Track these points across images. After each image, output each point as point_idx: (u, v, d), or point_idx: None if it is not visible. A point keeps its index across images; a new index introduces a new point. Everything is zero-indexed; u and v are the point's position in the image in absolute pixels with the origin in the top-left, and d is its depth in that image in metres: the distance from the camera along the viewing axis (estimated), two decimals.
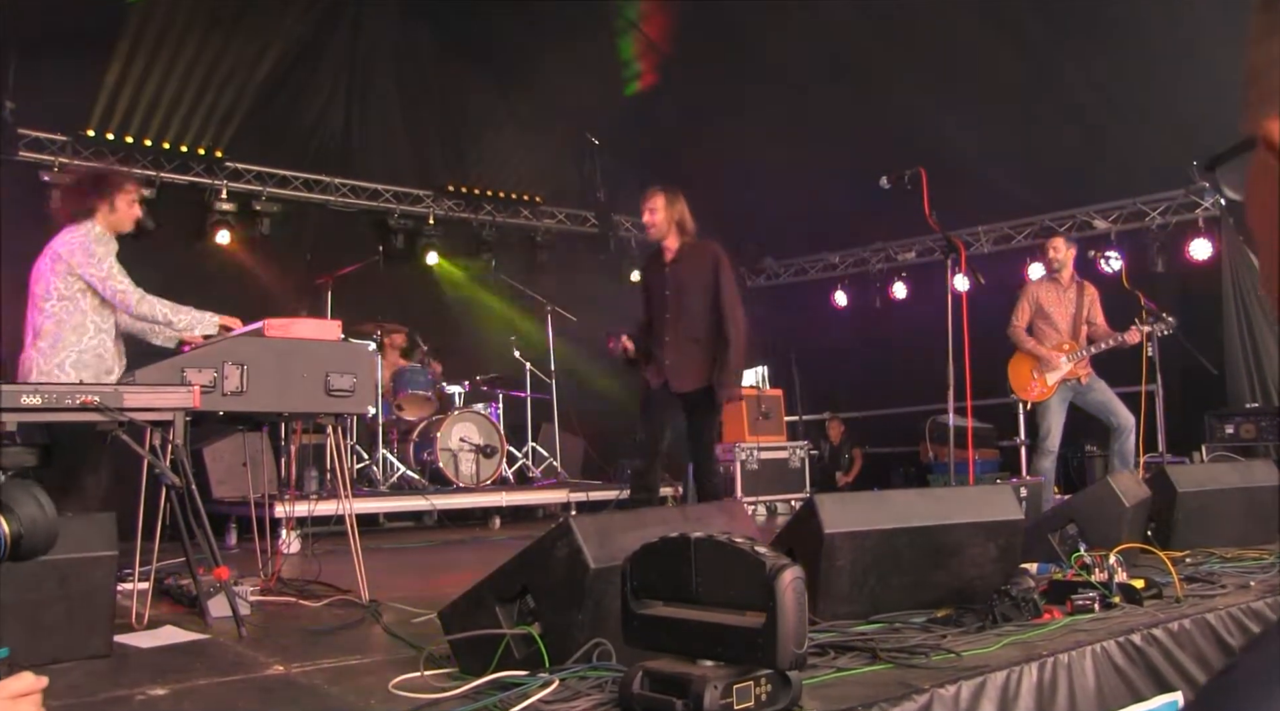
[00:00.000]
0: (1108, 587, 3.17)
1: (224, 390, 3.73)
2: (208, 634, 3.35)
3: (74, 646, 2.88)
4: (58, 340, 4.18)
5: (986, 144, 8.44)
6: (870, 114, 8.68)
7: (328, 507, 5.70)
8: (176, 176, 8.61)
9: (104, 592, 2.95)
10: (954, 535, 3.22)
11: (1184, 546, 4.28)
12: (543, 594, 2.45)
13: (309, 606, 3.95)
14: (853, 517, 3.04)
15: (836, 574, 2.99)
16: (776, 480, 9.14)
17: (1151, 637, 2.81)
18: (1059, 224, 9.51)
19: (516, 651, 2.45)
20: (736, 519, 2.95)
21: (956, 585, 3.21)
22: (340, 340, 4.16)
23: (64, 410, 3.20)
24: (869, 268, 11.05)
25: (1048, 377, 6.45)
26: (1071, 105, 8.05)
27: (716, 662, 2.00)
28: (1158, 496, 4.32)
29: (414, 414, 8.25)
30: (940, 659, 2.51)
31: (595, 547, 2.38)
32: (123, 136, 8.15)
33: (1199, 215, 8.66)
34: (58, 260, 4.22)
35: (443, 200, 10.13)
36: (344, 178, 9.58)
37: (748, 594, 1.97)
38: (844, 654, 2.57)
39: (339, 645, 3.20)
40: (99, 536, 2.96)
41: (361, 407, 4.23)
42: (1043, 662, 2.49)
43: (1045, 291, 6.61)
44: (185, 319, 4.23)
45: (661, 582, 2.13)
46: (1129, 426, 6.23)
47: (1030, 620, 2.94)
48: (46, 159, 7.86)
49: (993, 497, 3.45)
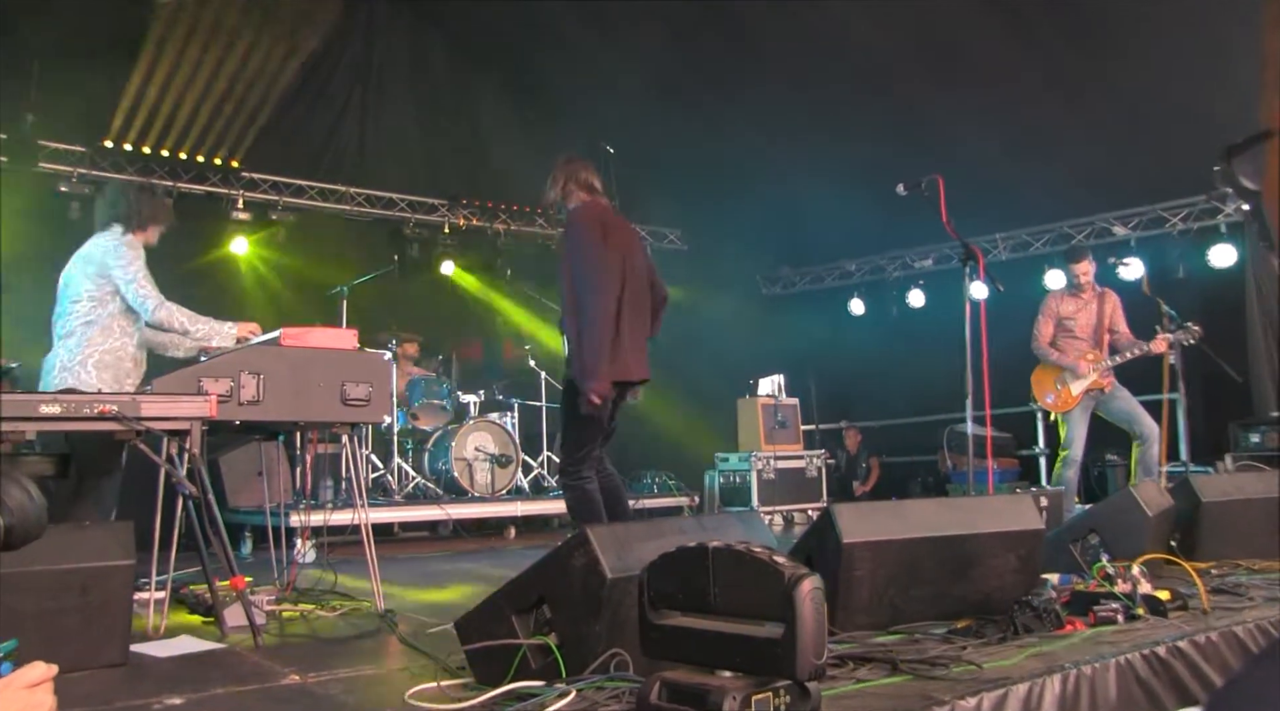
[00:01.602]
0: (1131, 599, 3.14)
1: (240, 399, 3.75)
2: (224, 643, 3.37)
3: (91, 655, 2.89)
4: (84, 339, 4.28)
5: (1004, 150, 8.41)
6: (887, 119, 8.66)
7: (343, 517, 5.72)
8: (193, 186, 8.69)
9: (121, 601, 2.97)
10: (974, 545, 3.20)
11: (1209, 557, 4.24)
12: (560, 604, 2.45)
13: (325, 616, 3.95)
14: (871, 527, 3.03)
15: (855, 584, 2.97)
16: (793, 490, 9.12)
17: (1177, 650, 2.78)
18: (1077, 230, 9.47)
19: (533, 661, 2.45)
20: (754, 528, 2.94)
21: (977, 596, 3.18)
22: (356, 349, 4.17)
23: (82, 419, 3.23)
24: (886, 275, 11.02)
25: (1072, 388, 6.41)
26: (1091, 109, 8.01)
27: (735, 673, 1.99)
28: (1181, 506, 4.28)
29: (429, 423, 8.27)
30: (961, 670, 2.49)
31: (612, 557, 2.38)
32: (140, 147, 8.23)
33: (1221, 221, 8.60)
34: (90, 262, 4.34)
35: (458, 209, 10.17)
36: (359, 187, 9.64)
37: (766, 604, 1.96)
38: (863, 665, 2.55)
39: (355, 655, 3.21)
40: (116, 545, 2.98)
41: (377, 417, 4.24)
42: (1065, 675, 2.47)
43: (1065, 302, 6.57)
44: (203, 329, 4.28)
45: (679, 592, 2.12)
46: (1153, 435, 6.18)
47: (1052, 631, 2.92)
48: (65, 170, 7.93)
49: (1013, 507, 3.42)
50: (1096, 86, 7.81)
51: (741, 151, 9.64)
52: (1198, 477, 4.71)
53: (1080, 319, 6.50)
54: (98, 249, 4.36)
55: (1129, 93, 7.73)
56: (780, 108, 9.00)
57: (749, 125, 9.31)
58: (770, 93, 8.90)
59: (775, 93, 8.88)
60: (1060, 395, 6.45)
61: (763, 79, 8.82)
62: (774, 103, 9.00)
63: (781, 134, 9.24)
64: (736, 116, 9.27)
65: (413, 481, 7.87)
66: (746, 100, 9.09)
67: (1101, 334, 6.48)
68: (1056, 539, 3.94)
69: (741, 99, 9.11)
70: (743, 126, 9.35)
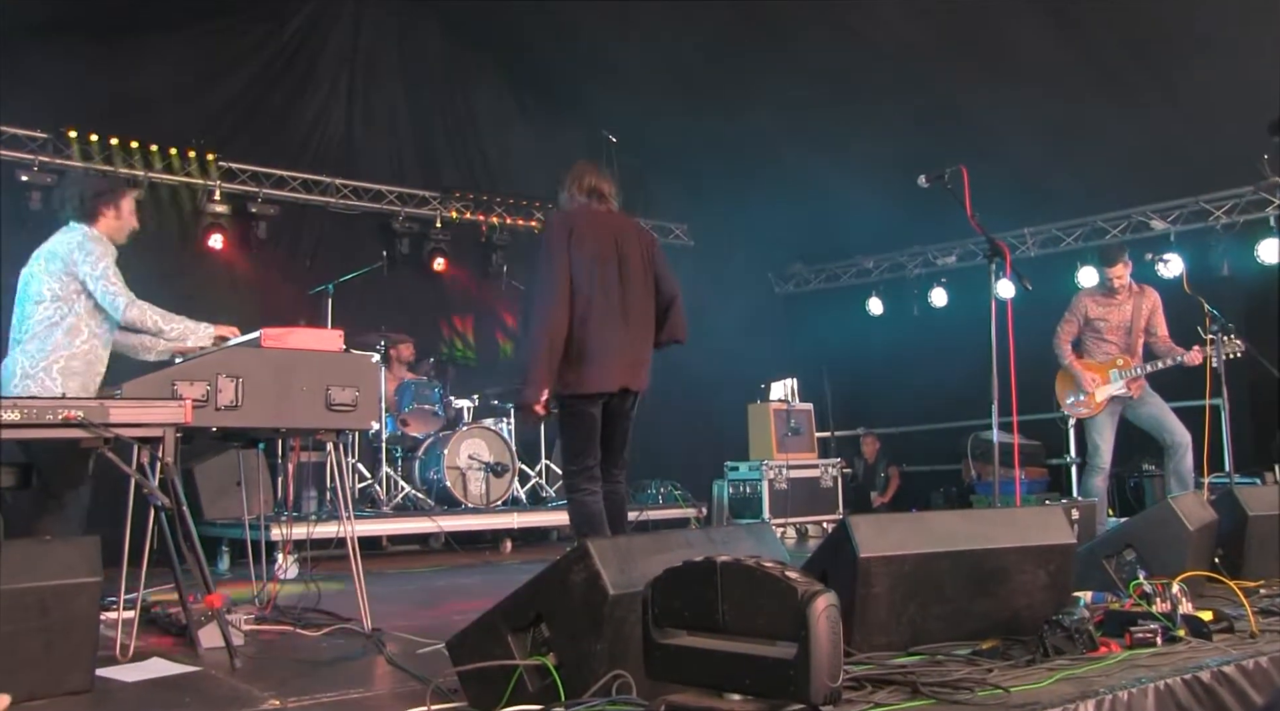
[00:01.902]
0: (1171, 619, 3.12)
1: (217, 404, 3.75)
2: (198, 666, 3.36)
3: (52, 681, 2.86)
4: (47, 342, 4.21)
5: (1033, 139, 8.40)
6: (908, 108, 8.65)
7: (328, 530, 5.71)
8: (166, 177, 8.67)
9: (86, 622, 2.95)
10: (1000, 560, 3.19)
11: (1257, 576, 4.21)
12: (558, 622, 2.44)
13: (307, 636, 3.95)
14: (890, 541, 3.02)
15: (873, 601, 2.97)
16: (807, 500, 9.12)
17: (1222, 676, 2.76)
18: (1112, 225, 9.46)
19: (530, 684, 2.45)
20: (765, 542, 2.93)
21: (1003, 614, 3.17)
22: (342, 351, 4.17)
23: (45, 426, 3.21)
24: (906, 273, 11.02)
25: (1098, 392, 6.38)
26: (1126, 96, 8.00)
27: (745, 696, 1.99)
28: (1225, 520, 4.26)
29: (420, 429, 8.28)
30: (986, 695, 2.48)
31: (615, 572, 2.38)
32: (108, 135, 8.23)
33: (1270, 213, 8.56)
34: (53, 259, 4.28)
35: (450, 202, 10.18)
36: (345, 178, 9.64)
37: (778, 622, 1.95)
38: (882, 688, 2.54)
39: (339, 677, 3.21)
40: (81, 561, 2.95)
41: (364, 423, 4.24)
42: (1099, 700, 2.46)
43: (1095, 302, 6.54)
44: (178, 328, 4.26)
45: (686, 610, 2.12)
46: (1184, 445, 6.13)
47: (1085, 653, 2.91)
48: (26, 158, 7.94)
49: (1042, 519, 3.41)
50: (1133, 70, 7.79)
51: (753, 141, 9.63)
52: (1243, 489, 4.68)
53: (1111, 319, 6.46)
54: (62, 245, 4.30)
55: (1168, 77, 7.71)
56: (795, 95, 8.99)
57: (761, 113, 9.30)
58: (785, 80, 8.88)
59: (791, 80, 8.87)
60: (1086, 399, 6.42)
61: (777, 66, 8.82)
62: (789, 90, 8.98)
63: (796, 123, 9.23)
64: (748, 105, 9.27)
65: (402, 491, 7.88)
66: (758, 87, 9.08)
67: (1135, 335, 6.43)
68: (1089, 554, 3.93)
69: (753, 86, 9.10)
70: (755, 115, 9.34)
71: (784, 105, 9.10)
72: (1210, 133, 7.92)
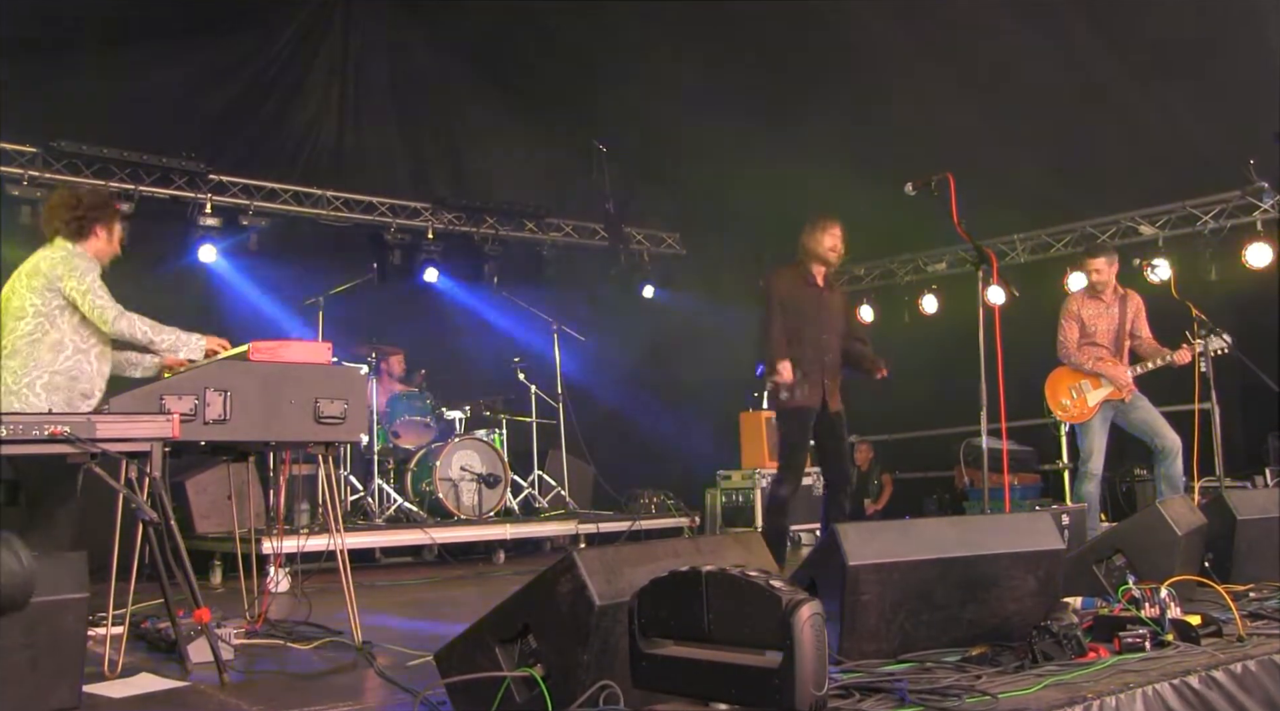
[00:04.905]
0: (1160, 624, 3.12)
1: (206, 418, 3.74)
2: (187, 681, 3.35)
3: (38, 699, 2.84)
4: (30, 358, 4.17)
5: (1020, 145, 8.41)
6: (896, 115, 8.68)
7: (319, 543, 5.70)
8: (156, 189, 8.65)
9: (73, 638, 2.93)
10: (989, 566, 3.19)
11: (1246, 579, 4.20)
12: (545, 633, 2.44)
13: (298, 649, 3.94)
14: (879, 548, 3.02)
15: (862, 609, 2.97)
16: (800, 509, 9.08)
17: (1211, 680, 2.76)
18: (1101, 230, 9.48)
19: (518, 695, 2.44)
20: (752, 551, 2.93)
21: (992, 621, 3.18)
22: (331, 363, 4.17)
23: (31, 442, 3.19)
24: (897, 280, 11.03)
25: (1089, 397, 6.36)
26: (1114, 101, 8.03)
27: (730, 705, 1.99)
28: (1215, 524, 4.26)
29: (411, 441, 8.26)
30: (975, 702, 2.48)
31: (601, 583, 2.37)
32: (98, 148, 8.21)
33: (1257, 218, 8.59)
34: (36, 275, 4.24)
35: (442, 213, 10.18)
36: (336, 190, 9.63)
37: (763, 631, 1.95)
38: (870, 696, 2.54)
39: (328, 691, 3.20)
40: (69, 577, 2.94)
41: (354, 435, 4.23)
42: (1088, 705, 2.47)
43: (1087, 304, 6.53)
44: (169, 340, 4.22)
45: (672, 620, 2.12)
46: (1175, 449, 6.11)
47: (1073, 659, 2.91)
48: (16, 172, 7.93)
49: (1031, 525, 3.42)
50: (1120, 76, 7.82)
51: (744, 150, 9.64)
52: (1233, 493, 4.69)
53: (1101, 324, 6.45)
54: (45, 261, 4.26)
55: (1154, 83, 7.74)
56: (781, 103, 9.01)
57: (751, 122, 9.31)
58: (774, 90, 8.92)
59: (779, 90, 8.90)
60: (1076, 404, 6.38)
61: (765, 75, 8.85)
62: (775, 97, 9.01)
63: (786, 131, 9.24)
64: (737, 113, 9.29)
65: (394, 504, 7.86)
66: (748, 97, 9.11)
67: (1122, 339, 6.41)
68: (1079, 559, 3.93)
69: (743, 95, 9.13)
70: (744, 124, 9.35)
71: (771, 114, 9.12)
72: (1197, 138, 7.95)
